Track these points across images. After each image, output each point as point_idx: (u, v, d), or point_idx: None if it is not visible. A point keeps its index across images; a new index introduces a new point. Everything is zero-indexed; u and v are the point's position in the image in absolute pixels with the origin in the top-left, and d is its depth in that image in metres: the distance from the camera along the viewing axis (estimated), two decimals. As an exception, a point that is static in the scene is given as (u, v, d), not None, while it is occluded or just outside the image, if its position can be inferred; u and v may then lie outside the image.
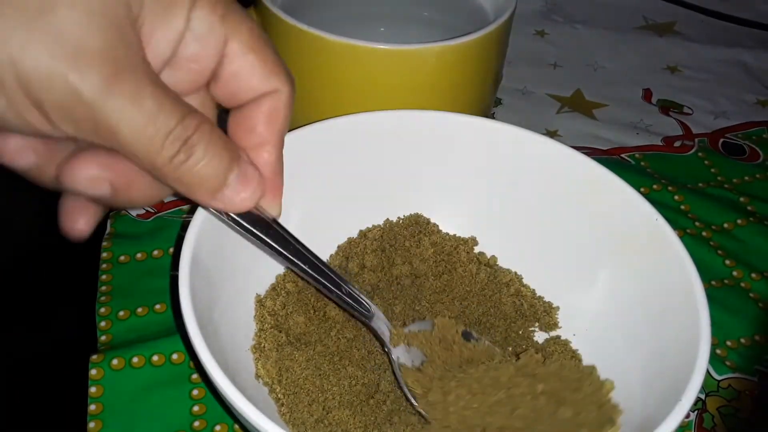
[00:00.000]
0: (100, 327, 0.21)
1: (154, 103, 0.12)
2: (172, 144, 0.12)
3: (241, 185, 0.13)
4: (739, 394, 0.21)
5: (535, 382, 0.17)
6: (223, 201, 0.13)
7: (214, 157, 0.13)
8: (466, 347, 0.19)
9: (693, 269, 0.18)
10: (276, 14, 0.23)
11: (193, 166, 0.12)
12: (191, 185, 0.13)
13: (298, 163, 0.21)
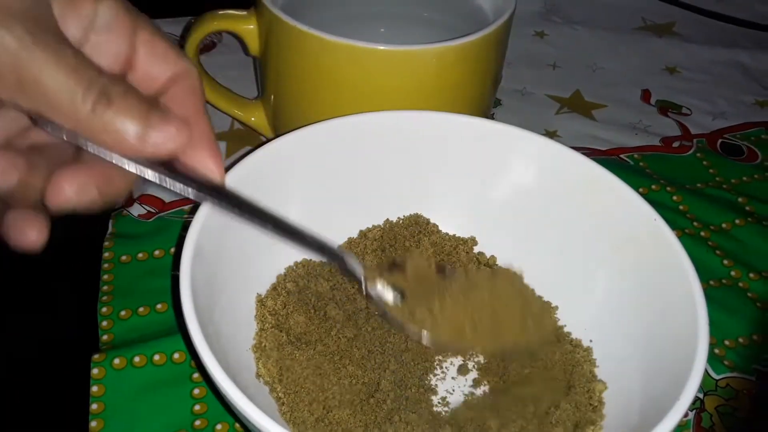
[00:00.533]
0: (102, 326, 0.21)
1: (74, 58, 0.12)
2: (93, 93, 0.12)
3: (165, 123, 0.13)
4: (737, 393, 0.21)
5: (512, 282, 0.19)
6: (150, 143, 0.13)
7: (133, 103, 0.13)
8: (441, 279, 0.19)
9: (691, 269, 0.18)
10: (276, 15, 0.23)
11: (116, 112, 0.13)
12: (117, 133, 0.13)
13: (299, 164, 0.21)
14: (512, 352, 0.19)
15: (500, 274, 0.20)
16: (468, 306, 0.18)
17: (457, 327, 0.18)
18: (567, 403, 0.18)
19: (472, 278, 0.19)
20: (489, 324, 0.18)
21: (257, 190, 0.20)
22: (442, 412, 0.19)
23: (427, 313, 0.18)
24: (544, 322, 0.19)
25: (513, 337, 0.18)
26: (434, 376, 0.20)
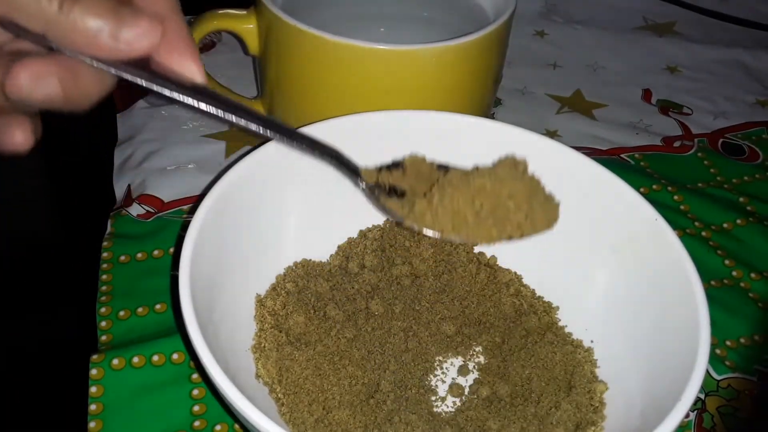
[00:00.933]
0: (101, 327, 0.21)
1: None
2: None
3: (136, 19, 0.13)
4: (738, 393, 0.21)
5: (515, 168, 0.18)
6: (122, 40, 0.13)
7: (101, 0, 0.13)
8: (442, 174, 0.18)
9: (692, 269, 0.18)
10: (276, 14, 0.23)
11: (83, 10, 0.12)
12: (87, 31, 0.13)
13: (299, 163, 0.21)
14: (516, 238, 0.17)
15: (503, 161, 0.18)
16: (469, 194, 0.17)
17: (459, 216, 0.17)
18: (568, 403, 0.18)
19: (474, 169, 0.18)
20: (492, 211, 0.17)
21: (257, 189, 0.20)
22: (442, 413, 0.19)
23: (427, 205, 0.17)
24: (549, 209, 0.17)
25: (518, 225, 0.17)
26: (434, 376, 0.20)
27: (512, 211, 0.17)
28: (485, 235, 0.17)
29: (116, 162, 0.27)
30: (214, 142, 0.28)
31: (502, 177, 0.17)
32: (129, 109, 0.29)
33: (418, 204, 0.17)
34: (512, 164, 0.18)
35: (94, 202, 0.25)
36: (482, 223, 0.17)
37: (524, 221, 0.17)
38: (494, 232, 0.17)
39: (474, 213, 0.17)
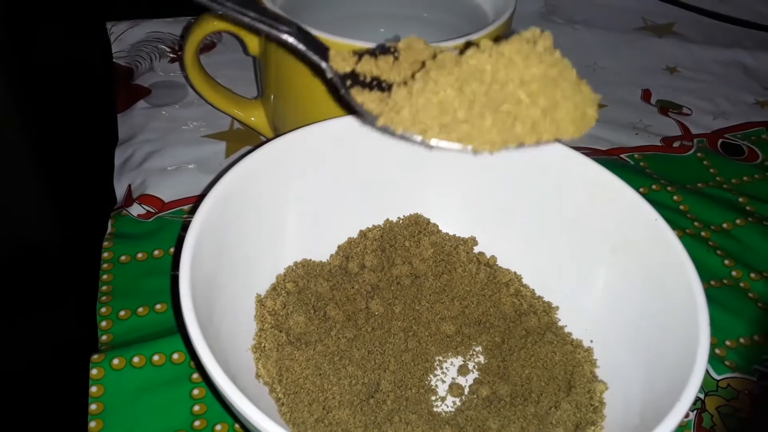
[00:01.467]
0: (101, 327, 0.21)
1: None
2: None
3: None
4: (738, 393, 0.21)
5: (533, 43, 0.13)
6: None
7: None
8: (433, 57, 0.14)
9: (692, 269, 0.18)
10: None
11: None
12: None
13: (298, 163, 0.21)
14: (529, 144, 0.12)
15: (516, 36, 0.13)
16: (459, 78, 0.12)
17: (446, 110, 0.12)
18: (567, 403, 0.18)
19: (474, 46, 0.13)
20: (492, 102, 0.12)
21: (257, 189, 0.20)
22: (442, 413, 0.19)
23: (406, 95, 0.12)
24: (580, 104, 0.12)
25: (532, 124, 0.12)
26: (434, 376, 0.20)
27: (524, 105, 0.12)
28: (483, 138, 0.12)
29: (117, 162, 0.27)
30: (215, 143, 0.28)
31: (511, 56, 0.12)
32: (129, 109, 0.29)
33: (395, 94, 0.13)
34: (528, 39, 0.13)
35: (94, 203, 0.25)
36: (478, 120, 0.12)
37: (542, 119, 0.12)
38: (495, 133, 0.12)
39: (466, 105, 0.12)
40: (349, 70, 0.14)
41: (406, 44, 0.15)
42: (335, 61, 0.14)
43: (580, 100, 0.13)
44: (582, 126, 0.13)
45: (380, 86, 0.14)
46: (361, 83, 0.14)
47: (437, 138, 0.13)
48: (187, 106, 0.30)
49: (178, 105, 0.30)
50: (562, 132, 0.13)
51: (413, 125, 0.13)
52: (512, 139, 0.12)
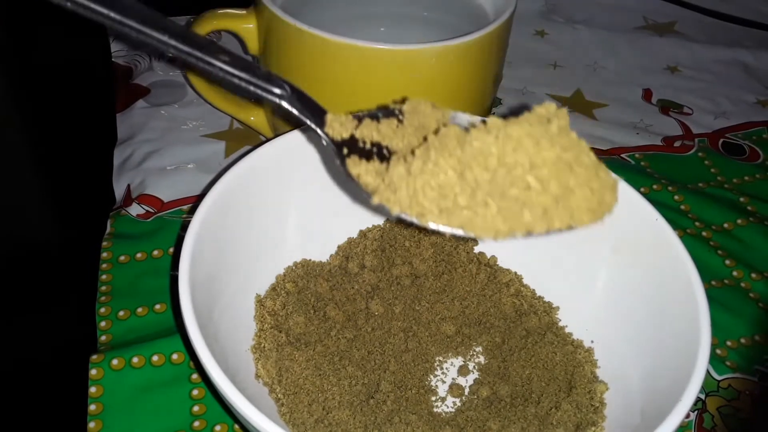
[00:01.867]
0: (100, 327, 0.21)
1: None
2: None
3: None
4: (739, 394, 0.21)
5: (545, 122, 0.11)
6: None
7: None
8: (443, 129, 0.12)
9: (693, 269, 0.18)
10: (276, 14, 0.23)
11: None
12: None
13: (298, 163, 0.21)
14: (538, 232, 0.11)
15: (528, 114, 0.11)
16: (462, 160, 0.11)
17: (446, 194, 0.11)
18: (568, 404, 0.18)
19: (481, 123, 0.12)
20: (497, 189, 0.11)
21: (256, 189, 0.20)
22: (443, 413, 0.19)
23: (405, 174, 0.12)
24: (598, 189, 0.11)
25: (543, 212, 0.11)
26: (434, 376, 0.20)
27: (534, 191, 0.11)
28: (487, 225, 0.11)
29: (116, 162, 0.27)
30: (214, 142, 0.28)
31: (521, 139, 0.11)
32: (128, 109, 0.29)
33: (393, 171, 0.12)
34: (541, 117, 0.11)
35: (93, 202, 0.25)
36: (481, 208, 0.11)
37: (554, 207, 0.11)
38: (501, 221, 0.11)
39: (468, 190, 0.11)
40: (347, 135, 0.13)
41: (411, 107, 0.14)
42: (332, 127, 0.13)
43: (598, 185, 0.12)
44: (599, 213, 0.12)
45: (381, 153, 0.13)
46: (359, 150, 0.13)
47: (436, 222, 0.12)
48: (187, 106, 0.30)
49: (177, 104, 0.30)
50: (577, 220, 0.12)
51: (410, 207, 0.12)
52: (520, 228, 0.12)
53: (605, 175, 0.12)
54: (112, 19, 0.12)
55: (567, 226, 0.12)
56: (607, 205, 0.12)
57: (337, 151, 0.13)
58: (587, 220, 0.12)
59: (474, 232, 0.12)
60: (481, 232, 0.12)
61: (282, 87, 0.14)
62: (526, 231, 0.12)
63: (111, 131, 0.28)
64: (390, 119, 0.13)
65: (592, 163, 0.12)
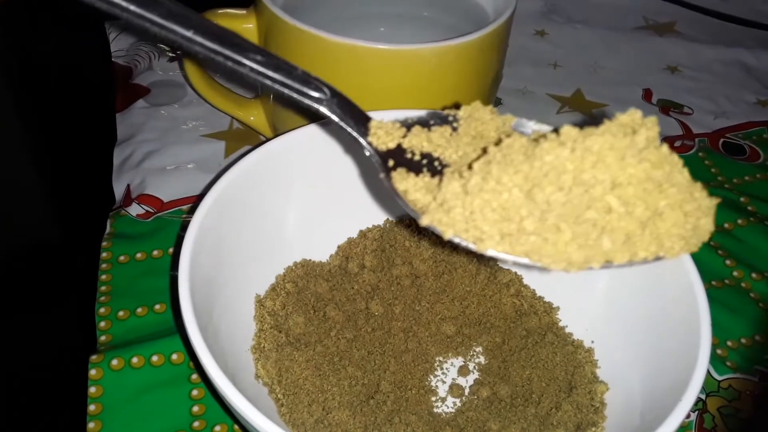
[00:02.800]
0: (100, 327, 0.21)
1: None
2: None
3: None
4: (739, 394, 0.21)
5: (630, 135, 0.09)
6: None
7: None
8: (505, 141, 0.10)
9: (693, 269, 0.18)
10: (276, 14, 0.23)
11: None
12: None
13: (298, 163, 0.21)
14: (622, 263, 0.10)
15: (610, 123, 0.10)
16: (529, 177, 0.09)
17: (509, 218, 0.10)
18: (568, 404, 0.18)
19: (552, 132, 0.10)
20: (573, 212, 0.09)
21: (256, 189, 0.20)
22: (443, 414, 0.19)
23: (460, 192, 0.10)
24: (693, 214, 0.10)
25: (626, 238, 0.09)
26: (434, 377, 0.20)
27: (616, 215, 0.09)
28: (558, 255, 0.10)
29: (115, 162, 0.27)
30: (214, 142, 0.28)
31: (602, 152, 0.09)
32: (128, 109, 0.29)
33: (447, 187, 0.10)
34: (624, 127, 0.10)
35: (93, 202, 0.25)
36: (552, 234, 0.10)
37: (639, 233, 0.09)
38: (575, 249, 0.09)
39: (538, 213, 0.10)
40: (394, 145, 0.12)
41: (468, 112, 0.12)
42: (377, 135, 0.12)
43: (692, 208, 0.10)
44: (694, 241, 0.10)
45: (432, 166, 0.11)
46: (407, 163, 0.11)
47: (496, 249, 0.10)
48: (187, 106, 0.30)
49: (177, 104, 0.30)
50: (667, 249, 0.10)
51: (466, 231, 0.10)
52: (597, 258, 0.10)
53: (701, 196, 0.10)
54: (132, 13, 0.11)
55: (654, 257, 0.10)
56: (702, 231, 0.11)
57: (381, 164, 0.11)
58: (678, 249, 0.10)
59: (542, 262, 0.10)
60: (550, 262, 0.10)
61: (321, 90, 0.12)
62: (605, 261, 0.10)
63: (111, 131, 0.28)
64: (443, 127, 0.12)
65: (686, 181, 0.10)
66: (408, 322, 0.20)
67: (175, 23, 0.12)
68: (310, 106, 0.13)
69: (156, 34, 0.12)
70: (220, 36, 0.12)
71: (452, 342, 0.21)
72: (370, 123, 0.12)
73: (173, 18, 0.12)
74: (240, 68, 0.12)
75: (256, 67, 0.12)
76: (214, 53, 0.12)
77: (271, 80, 0.12)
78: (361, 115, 0.13)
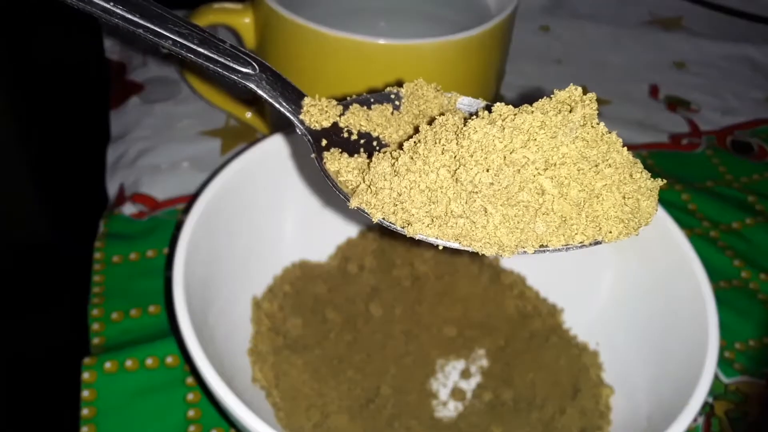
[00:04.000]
0: (93, 329, 0.21)
1: None
2: None
3: None
4: (747, 397, 0.21)
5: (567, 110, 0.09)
6: None
7: None
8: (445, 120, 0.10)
9: (701, 270, 0.17)
10: (274, 9, 0.22)
11: None
12: None
13: (296, 161, 0.21)
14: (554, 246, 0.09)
15: (551, 99, 0.09)
16: (460, 160, 0.09)
17: (437, 198, 0.09)
18: (573, 408, 0.18)
19: (485, 112, 0.10)
20: (502, 193, 0.09)
21: (253, 188, 0.20)
22: (444, 418, 0.19)
23: (389, 169, 0.09)
24: (634, 192, 0.09)
25: (558, 222, 0.09)
26: (435, 380, 0.20)
27: (550, 197, 0.09)
28: (489, 239, 0.09)
29: (109, 160, 0.26)
30: (209, 140, 0.28)
31: (532, 128, 0.09)
32: (122, 106, 0.29)
33: (375, 167, 0.10)
34: (561, 104, 0.09)
35: (86, 201, 0.25)
36: (481, 217, 0.09)
37: (575, 216, 0.09)
38: (505, 233, 0.09)
39: (463, 196, 0.09)
40: (329, 124, 0.11)
41: (410, 90, 0.11)
42: (309, 113, 0.11)
43: (632, 189, 0.10)
44: (633, 224, 0.10)
45: (370, 146, 0.10)
46: (343, 142, 0.10)
47: (425, 233, 0.10)
48: (182, 103, 0.29)
49: (172, 101, 0.29)
50: (605, 232, 0.10)
51: (394, 213, 0.10)
52: (530, 242, 0.09)
53: (641, 176, 0.10)
54: None
55: (592, 240, 0.10)
56: (643, 215, 0.10)
57: (312, 143, 0.11)
58: (617, 232, 0.10)
59: (472, 246, 0.10)
60: (480, 246, 0.10)
61: (250, 65, 0.11)
62: (539, 245, 0.10)
63: (104, 128, 0.28)
64: (384, 105, 0.11)
65: (624, 161, 0.10)
66: (408, 324, 0.20)
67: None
68: (237, 82, 0.12)
69: (74, 6, 0.11)
70: (140, 6, 0.11)
71: (454, 345, 0.20)
72: (304, 100, 0.12)
73: None
74: (161, 41, 0.11)
75: (179, 40, 0.11)
76: (134, 25, 0.11)
77: (195, 54, 0.12)
78: (293, 91, 0.12)
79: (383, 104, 0.12)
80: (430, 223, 0.10)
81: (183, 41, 0.11)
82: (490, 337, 0.20)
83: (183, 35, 0.12)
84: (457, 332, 0.20)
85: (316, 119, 0.12)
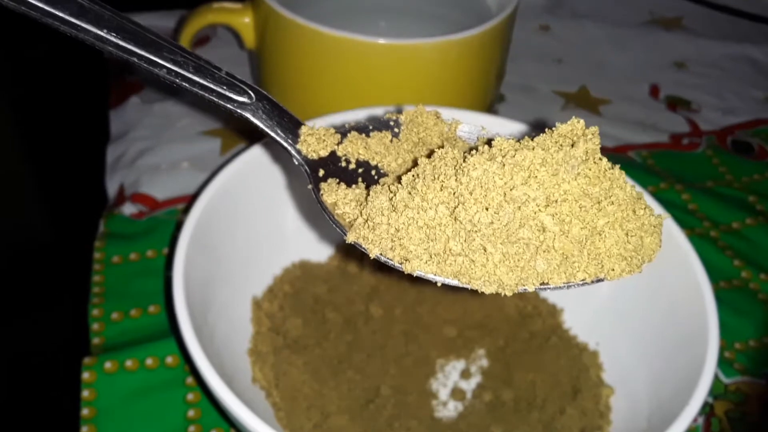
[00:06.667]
0: (93, 329, 0.21)
1: None
2: None
3: None
4: (747, 397, 0.21)
5: (569, 146, 0.09)
6: None
7: None
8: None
9: (701, 270, 0.17)
10: (274, 9, 0.22)
11: None
12: None
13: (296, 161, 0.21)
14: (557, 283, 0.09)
15: (552, 133, 0.09)
16: (460, 198, 0.09)
17: (434, 234, 0.09)
18: (573, 408, 0.18)
19: (485, 147, 0.09)
20: (502, 231, 0.09)
21: (253, 188, 0.20)
22: (444, 418, 0.19)
23: (387, 205, 0.09)
24: (638, 229, 0.09)
25: (559, 260, 0.09)
26: (436, 380, 0.20)
27: (551, 234, 0.09)
28: (488, 277, 0.09)
29: (108, 160, 0.26)
30: (210, 140, 0.28)
31: (533, 165, 0.09)
32: (122, 105, 0.29)
33: (372, 202, 0.09)
34: (563, 138, 0.09)
35: (85, 201, 0.25)
36: (480, 255, 0.09)
37: (577, 253, 0.09)
38: (505, 271, 0.09)
39: (462, 234, 0.09)
40: (326, 153, 0.11)
41: (410, 117, 0.11)
42: (306, 142, 0.11)
43: (635, 226, 0.09)
44: (636, 261, 0.10)
45: (368, 175, 0.10)
46: (341, 172, 0.10)
47: (423, 270, 0.09)
48: (181, 102, 0.29)
49: (171, 101, 0.29)
50: (607, 270, 0.10)
51: (392, 249, 0.10)
52: (531, 279, 0.09)
53: (645, 212, 0.10)
54: (40, 11, 0.10)
55: (594, 278, 0.09)
56: (646, 251, 0.10)
57: (309, 174, 0.11)
58: (620, 270, 0.10)
59: (472, 284, 0.09)
60: (480, 285, 0.09)
61: (246, 94, 0.11)
62: (540, 283, 0.09)
63: (104, 128, 0.28)
64: (383, 132, 0.11)
65: (628, 197, 0.09)
66: (409, 324, 0.20)
67: (87, 22, 0.11)
68: (233, 111, 0.12)
69: (67, 34, 0.11)
70: (134, 34, 0.11)
71: (454, 345, 0.20)
72: (301, 129, 0.11)
73: (85, 16, 0.11)
74: (155, 69, 0.11)
75: (174, 68, 0.11)
76: (128, 53, 0.11)
77: (190, 82, 0.11)
78: (290, 120, 0.12)
79: (382, 131, 0.12)
80: (428, 259, 0.10)
81: (178, 69, 0.11)
82: (490, 338, 0.20)
83: (178, 63, 0.11)
84: (457, 332, 0.20)
85: (314, 148, 0.12)
